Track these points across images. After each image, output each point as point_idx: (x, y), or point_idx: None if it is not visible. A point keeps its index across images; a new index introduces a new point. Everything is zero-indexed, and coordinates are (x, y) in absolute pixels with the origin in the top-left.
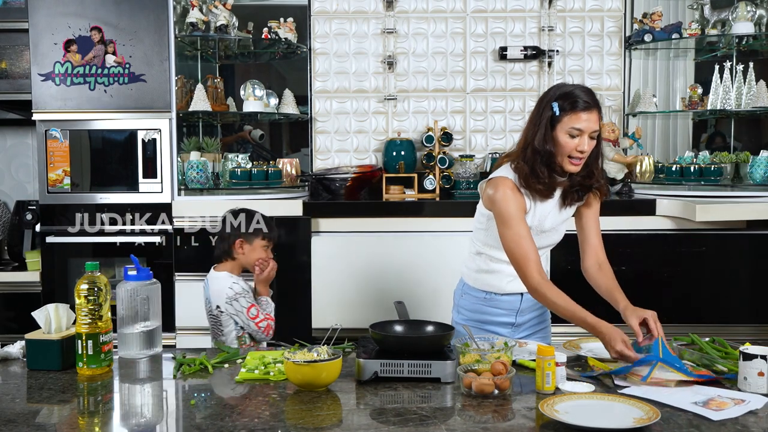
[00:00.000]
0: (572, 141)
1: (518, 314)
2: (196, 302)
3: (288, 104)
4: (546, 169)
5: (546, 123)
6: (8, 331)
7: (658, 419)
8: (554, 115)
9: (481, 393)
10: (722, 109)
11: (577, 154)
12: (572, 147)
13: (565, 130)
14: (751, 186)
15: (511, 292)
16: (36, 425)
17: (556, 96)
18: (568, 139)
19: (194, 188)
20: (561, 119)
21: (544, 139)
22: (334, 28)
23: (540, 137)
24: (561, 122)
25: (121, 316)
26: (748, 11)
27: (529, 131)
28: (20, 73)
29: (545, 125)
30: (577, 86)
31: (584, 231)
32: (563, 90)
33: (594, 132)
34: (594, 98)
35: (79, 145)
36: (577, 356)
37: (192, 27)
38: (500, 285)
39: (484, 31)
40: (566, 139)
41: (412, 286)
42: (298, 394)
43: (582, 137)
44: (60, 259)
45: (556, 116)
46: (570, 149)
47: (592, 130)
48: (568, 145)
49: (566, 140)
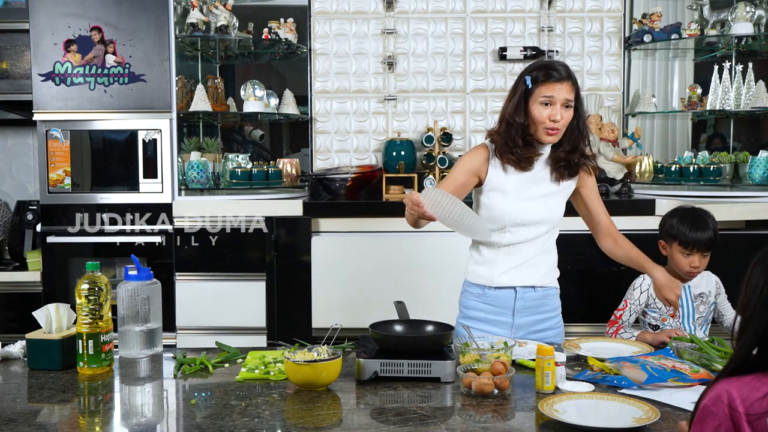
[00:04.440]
0: (545, 110)
1: (515, 314)
2: (196, 302)
3: (288, 104)
4: (521, 140)
5: (519, 96)
6: (9, 330)
7: (658, 419)
8: (527, 89)
9: (481, 393)
10: (721, 109)
11: (551, 124)
12: (546, 116)
13: (538, 101)
14: (750, 186)
15: (503, 285)
16: (37, 425)
17: (528, 70)
18: (542, 108)
19: (194, 188)
20: (533, 91)
21: (516, 111)
22: (334, 29)
23: (511, 109)
24: (534, 94)
25: (121, 316)
26: (747, 12)
27: (505, 105)
28: (21, 74)
29: (519, 98)
30: (553, 60)
31: (589, 211)
32: (536, 65)
33: (568, 101)
34: (568, 71)
35: (79, 145)
36: (576, 356)
37: (192, 27)
38: (491, 276)
39: (484, 31)
40: (539, 109)
41: (412, 286)
42: (298, 393)
43: (554, 106)
44: (61, 259)
45: (528, 89)
46: (543, 119)
47: (564, 98)
48: (541, 115)
49: (540, 110)
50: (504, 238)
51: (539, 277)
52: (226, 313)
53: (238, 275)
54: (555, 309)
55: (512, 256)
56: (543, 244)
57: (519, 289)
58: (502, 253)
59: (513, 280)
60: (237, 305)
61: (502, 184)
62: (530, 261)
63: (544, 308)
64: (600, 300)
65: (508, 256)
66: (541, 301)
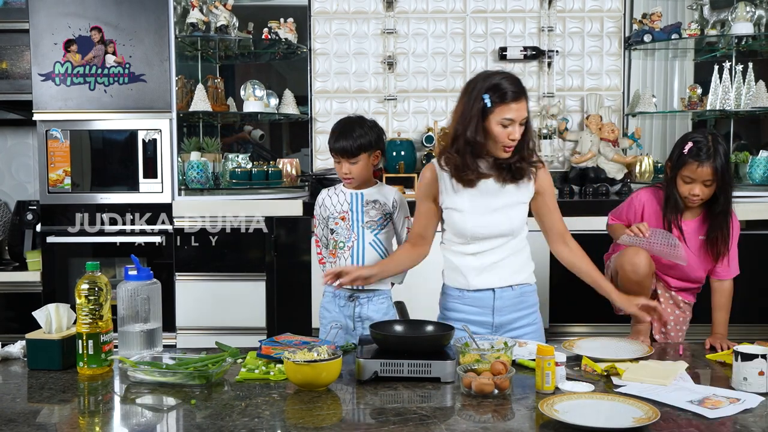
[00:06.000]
0: (504, 131)
1: (495, 313)
2: (196, 302)
3: (288, 104)
4: (474, 159)
5: (477, 114)
6: (9, 330)
7: (658, 419)
8: (485, 107)
9: (481, 393)
10: (721, 109)
11: (509, 143)
12: (505, 136)
13: (497, 121)
14: (751, 186)
15: (480, 288)
16: (36, 425)
17: (485, 88)
18: (501, 129)
19: (194, 188)
20: (493, 110)
21: (476, 130)
22: (334, 29)
23: (472, 129)
24: (493, 113)
25: (121, 316)
26: (747, 12)
27: (460, 123)
28: (21, 74)
29: (477, 116)
30: (504, 75)
31: (541, 218)
32: (491, 81)
33: (523, 119)
34: (521, 86)
35: (79, 145)
36: (576, 356)
37: (192, 27)
38: (466, 281)
39: (484, 31)
40: (499, 130)
41: (412, 286)
42: (298, 394)
43: (514, 126)
44: (60, 259)
45: (487, 108)
46: (503, 139)
47: (522, 118)
48: (501, 135)
49: (499, 130)
50: (469, 248)
51: (513, 276)
52: (226, 313)
53: (238, 275)
54: (533, 305)
55: (482, 260)
56: (513, 247)
57: (497, 289)
58: (471, 259)
59: (488, 283)
60: (237, 305)
61: (455, 203)
62: (501, 262)
63: (522, 305)
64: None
65: (479, 261)
66: (520, 299)
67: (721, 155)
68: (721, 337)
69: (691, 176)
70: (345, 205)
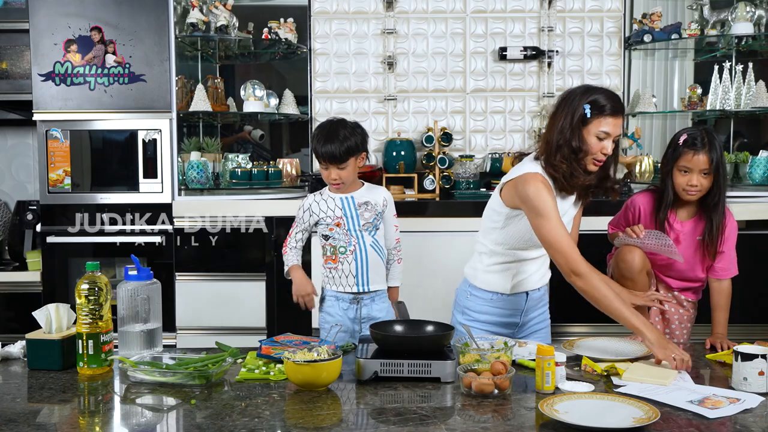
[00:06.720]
0: (599, 143)
1: (523, 314)
2: (196, 302)
3: (288, 104)
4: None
5: (578, 124)
6: (9, 330)
7: (658, 419)
8: (585, 117)
9: (481, 393)
10: (721, 109)
11: (601, 156)
12: (598, 149)
13: (594, 133)
14: (751, 186)
15: (518, 292)
16: (36, 425)
17: (587, 98)
18: (596, 141)
19: (194, 188)
20: (591, 121)
21: (579, 139)
22: (334, 29)
23: (577, 138)
24: (591, 124)
25: (121, 316)
26: (747, 12)
27: (560, 131)
28: (21, 74)
29: (578, 126)
30: (604, 90)
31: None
32: (593, 95)
33: (617, 136)
34: (620, 102)
35: (79, 146)
36: (576, 356)
37: (192, 27)
38: (508, 285)
39: (484, 31)
40: (594, 141)
41: (412, 286)
42: (298, 394)
43: (608, 140)
44: (60, 259)
45: (587, 118)
46: (596, 151)
47: (617, 134)
48: (594, 147)
49: (594, 142)
50: (531, 254)
51: (543, 279)
52: (226, 313)
53: (238, 275)
54: (546, 302)
55: (530, 266)
56: None
57: (530, 292)
58: (522, 265)
59: (524, 286)
60: (237, 305)
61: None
62: (540, 269)
63: (541, 303)
64: None
65: (526, 267)
66: (542, 298)
67: (717, 146)
68: (721, 336)
69: (688, 165)
70: (338, 210)
